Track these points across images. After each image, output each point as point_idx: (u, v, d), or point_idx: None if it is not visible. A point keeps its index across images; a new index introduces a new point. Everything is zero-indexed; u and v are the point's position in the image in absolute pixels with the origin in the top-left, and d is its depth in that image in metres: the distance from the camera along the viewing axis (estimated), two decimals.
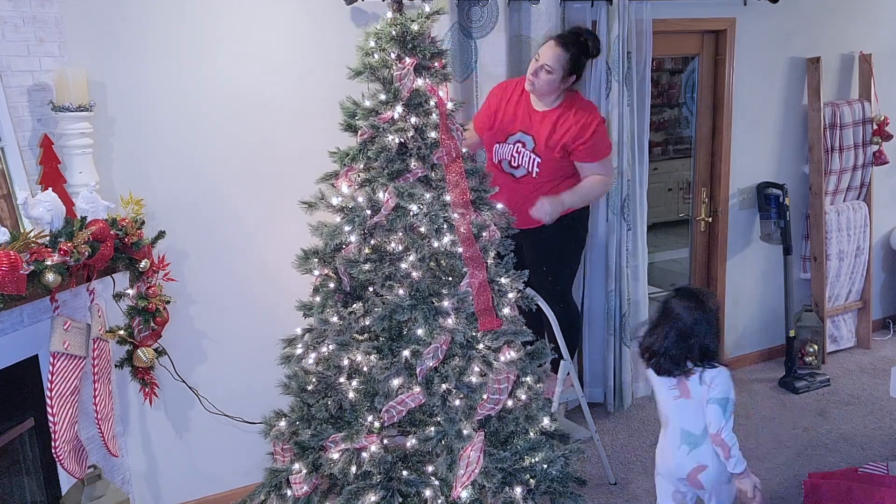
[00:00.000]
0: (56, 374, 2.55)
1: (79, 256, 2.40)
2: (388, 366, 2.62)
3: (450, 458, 2.59)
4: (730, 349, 4.70)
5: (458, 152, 2.78)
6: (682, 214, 4.81)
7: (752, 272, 4.71)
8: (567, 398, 3.52)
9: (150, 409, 3.18)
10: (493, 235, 2.83)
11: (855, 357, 4.86)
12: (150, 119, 3.05)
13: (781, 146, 4.63)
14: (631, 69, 3.84)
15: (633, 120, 3.91)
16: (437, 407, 2.65)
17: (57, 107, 2.63)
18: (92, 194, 2.60)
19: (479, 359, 2.64)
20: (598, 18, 3.79)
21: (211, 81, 3.12)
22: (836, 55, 4.71)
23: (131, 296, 2.85)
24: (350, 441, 2.63)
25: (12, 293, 2.21)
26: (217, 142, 3.17)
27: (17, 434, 2.62)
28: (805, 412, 4.15)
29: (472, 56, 3.49)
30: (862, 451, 3.72)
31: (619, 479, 3.52)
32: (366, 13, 3.33)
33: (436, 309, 2.66)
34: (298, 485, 2.75)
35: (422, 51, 2.75)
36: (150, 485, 3.31)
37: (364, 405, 2.67)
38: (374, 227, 2.70)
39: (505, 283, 2.85)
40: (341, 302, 2.80)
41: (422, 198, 2.68)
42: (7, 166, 2.50)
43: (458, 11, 3.38)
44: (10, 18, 2.58)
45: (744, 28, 4.31)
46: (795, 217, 4.66)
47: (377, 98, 2.74)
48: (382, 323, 2.65)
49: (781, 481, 3.47)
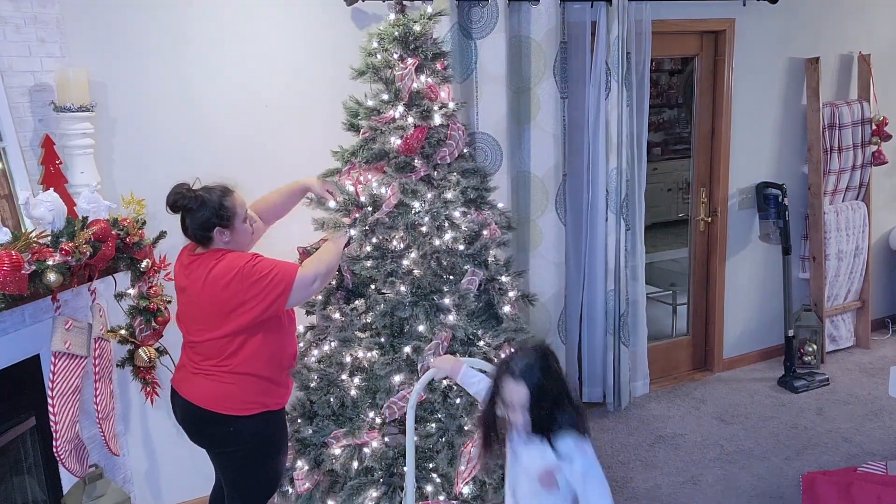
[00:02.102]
0: (57, 374, 2.56)
1: (80, 256, 2.40)
2: (389, 362, 2.64)
3: (451, 454, 2.60)
4: (729, 349, 4.71)
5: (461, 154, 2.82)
6: (682, 214, 4.82)
7: (751, 272, 4.72)
8: None
9: (152, 409, 3.18)
10: (494, 234, 2.85)
11: (854, 356, 4.87)
12: (152, 119, 3.05)
13: (780, 146, 4.64)
14: (630, 70, 3.85)
15: (632, 120, 3.92)
16: (438, 403, 2.66)
17: (58, 107, 2.64)
18: (93, 194, 2.61)
19: (479, 355, 2.66)
20: (597, 19, 3.80)
21: (212, 82, 3.13)
22: (835, 55, 4.72)
23: (133, 295, 2.86)
24: (352, 437, 2.64)
25: (14, 293, 2.22)
26: (218, 142, 3.18)
27: (19, 433, 2.62)
28: (804, 411, 4.15)
29: (472, 57, 3.50)
30: (861, 450, 3.72)
31: (619, 479, 3.53)
32: (366, 14, 3.34)
33: (437, 306, 2.67)
34: (300, 481, 2.76)
35: (424, 51, 2.77)
36: (151, 484, 3.32)
37: (366, 401, 2.68)
38: (376, 224, 2.71)
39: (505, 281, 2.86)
40: (343, 299, 2.81)
41: (424, 195, 2.70)
42: (9, 166, 2.51)
43: (459, 12, 3.39)
44: (11, 19, 2.59)
45: (743, 28, 4.32)
46: (794, 217, 4.66)
47: (379, 98, 2.76)
48: (384, 320, 2.67)
49: (780, 480, 3.48)
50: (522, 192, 3.76)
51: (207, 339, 2.45)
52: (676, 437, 3.90)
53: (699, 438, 3.89)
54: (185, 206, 2.41)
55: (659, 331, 4.89)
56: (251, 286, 2.37)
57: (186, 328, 2.54)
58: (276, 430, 2.58)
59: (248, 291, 2.37)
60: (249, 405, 2.47)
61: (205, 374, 2.48)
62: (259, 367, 2.47)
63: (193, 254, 2.50)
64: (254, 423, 2.49)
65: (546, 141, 3.67)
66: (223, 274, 2.39)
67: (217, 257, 2.43)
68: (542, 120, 3.65)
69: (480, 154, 3.54)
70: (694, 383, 4.57)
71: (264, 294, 2.39)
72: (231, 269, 2.38)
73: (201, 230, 2.43)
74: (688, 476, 3.54)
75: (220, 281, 2.38)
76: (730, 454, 3.73)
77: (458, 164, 2.85)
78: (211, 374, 2.47)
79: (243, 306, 2.38)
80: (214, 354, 2.46)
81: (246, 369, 2.45)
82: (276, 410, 2.57)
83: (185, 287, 2.50)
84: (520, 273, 3.05)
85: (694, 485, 3.47)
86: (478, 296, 2.79)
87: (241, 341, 2.44)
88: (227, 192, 2.47)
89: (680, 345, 4.74)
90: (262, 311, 2.40)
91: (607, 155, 3.89)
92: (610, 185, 3.92)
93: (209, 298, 2.41)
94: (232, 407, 2.46)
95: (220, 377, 2.46)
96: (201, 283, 2.42)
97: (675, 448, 3.80)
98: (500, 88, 3.50)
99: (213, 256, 2.44)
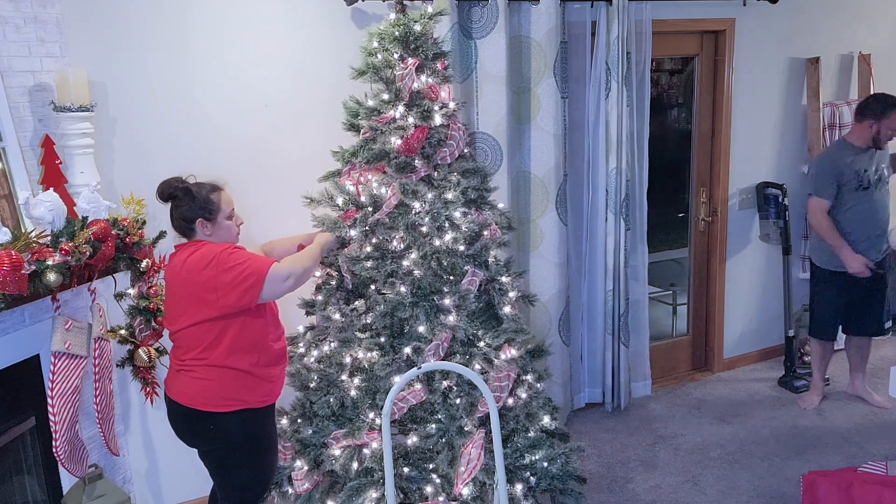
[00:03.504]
0: (57, 374, 2.56)
1: (80, 256, 2.40)
2: (389, 363, 2.64)
3: (451, 455, 2.60)
4: (729, 349, 4.71)
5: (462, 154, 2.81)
6: (682, 214, 4.82)
7: (751, 272, 4.72)
8: None
9: (152, 409, 3.18)
10: (495, 234, 2.85)
11: None
12: (152, 119, 3.05)
13: (780, 146, 4.64)
14: (630, 69, 3.85)
15: (632, 120, 3.92)
16: (438, 404, 2.66)
17: (58, 107, 2.63)
18: (93, 194, 2.61)
19: (480, 356, 2.65)
20: (597, 19, 3.80)
21: (212, 81, 3.13)
22: (836, 55, 4.72)
23: (132, 295, 2.86)
24: (352, 437, 2.64)
25: (14, 293, 2.22)
26: (218, 141, 3.18)
27: (19, 433, 2.62)
28: (804, 412, 4.16)
29: (473, 56, 3.49)
30: (861, 450, 3.72)
31: (619, 479, 3.53)
32: (366, 14, 3.34)
33: (437, 306, 2.67)
34: (300, 481, 2.76)
35: (424, 51, 2.77)
36: (151, 484, 3.32)
37: (366, 402, 2.68)
38: (376, 224, 2.71)
39: (506, 282, 2.86)
40: (343, 299, 2.81)
41: (424, 196, 2.70)
42: (9, 166, 2.51)
43: (459, 12, 3.39)
44: (11, 19, 2.59)
45: (743, 28, 4.32)
46: (794, 217, 4.66)
47: (380, 97, 2.76)
48: (384, 320, 2.67)
49: (780, 480, 3.48)
50: (523, 192, 3.76)
51: (184, 328, 2.50)
52: (677, 437, 3.91)
53: (699, 438, 3.89)
54: (173, 195, 2.52)
55: (659, 331, 4.89)
56: (224, 272, 2.43)
57: (167, 320, 2.61)
58: (258, 428, 2.60)
59: (220, 277, 2.43)
60: (228, 401, 2.51)
61: (186, 370, 2.52)
62: (236, 360, 2.50)
63: (176, 245, 2.59)
64: (232, 421, 2.52)
65: (546, 141, 3.67)
66: (199, 259, 2.46)
67: (197, 246, 2.51)
68: (542, 120, 3.65)
69: (481, 154, 3.54)
70: (694, 383, 4.57)
71: (236, 283, 2.43)
72: (207, 256, 2.46)
73: (185, 220, 2.52)
74: (688, 476, 3.54)
75: (196, 266, 2.46)
76: (730, 454, 3.73)
77: (458, 165, 2.85)
78: (191, 370, 2.51)
79: (215, 292, 2.43)
80: (193, 346, 2.50)
81: (224, 362, 2.49)
82: (257, 408, 2.58)
83: (168, 279, 2.58)
84: (520, 273, 3.04)
85: (694, 485, 3.47)
86: (478, 296, 2.79)
87: (218, 331, 2.48)
88: (216, 189, 2.57)
89: (680, 345, 4.74)
90: (235, 301, 2.44)
91: (607, 155, 3.90)
92: (609, 185, 3.92)
93: (184, 283, 2.48)
94: (209, 403, 2.50)
95: (198, 372, 2.50)
96: (178, 268, 2.50)
97: (675, 448, 3.80)
98: (501, 88, 3.50)
99: (193, 245, 2.52)
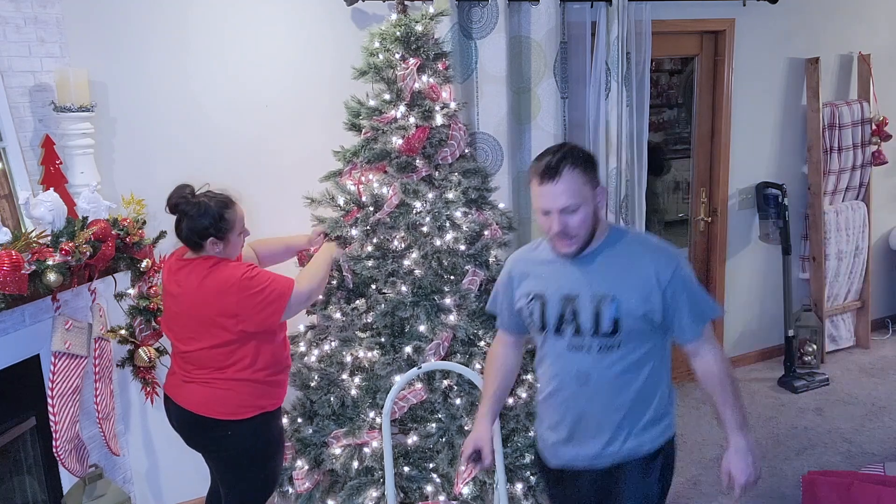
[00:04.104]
0: (57, 374, 2.56)
1: (80, 256, 2.40)
2: (390, 362, 2.64)
3: (451, 454, 2.60)
4: (729, 349, 4.71)
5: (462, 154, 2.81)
6: (682, 214, 4.82)
7: (751, 272, 4.72)
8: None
9: (152, 409, 3.18)
10: (495, 234, 2.85)
11: (854, 356, 4.87)
12: (152, 119, 3.05)
13: (780, 146, 4.64)
14: (630, 70, 3.85)
15: (632, 120, 3.91)
16: (438, 403, 2.66)
17: (58, 107, 2.63)
18: (93, 194, 2.61)
19: (480, 356, 2.66)
20: (597, 19, 3.80)
21: (212, 82, 3.13)
22: (835, 56, 4.72)
23: (133, 295, 2.86)
24: (352, 437, 2.64)
25: (14, 293, 2.22)
26: (218, 141, 3.18)
27: (19, 433, 2.62)
28: (804, 411, 4.16)
29: (473, 57, 3.49)
30: (861, 450, 3.72)
31: None
32: (367, 14, 3.34)
33: (438, 306, 2.67)
34: (300, 481, 2.76)
35: (425, 51, 2.77)
36: (152, 484, 3.32)
37: (366, 401, 2.68)
38: (377, 224, 2.71)
39: None
40: (344, 298, 2.81)
41: (425, 196, 2.70)
42: (9, 166, 2.51)
43: (459, 12, 3.39)
44: (11, 19, 2.59)
45: (743, 29, 4.32)
46: (794, 217, 4.66)
47: (381, 97, 2.76)
48: (385, 319, 2.67)
49: (780, 480, 3.48)
50: (523, 192, 3.76)
51: (197, 349, 2.42)
52: (676, 437, 3.90)
53: (699, 438, 3.89)
54: (185, 211, 2.39)
55: None
56: (246, 299, 2.34)
57: (175, 336, 2.51)
58: (273, 431, 2.57)
59: (242, 304, 2.34)
60: (246, 409, 2.46)
61: (199, 382, 2.46)
62: (254, 374, 2.45)
63: (183, 259, 2.48)
64: (251, 427, 2.48)
65: (547, 141, 3.67)
66: (219, 285, 2.36)
67: (210, 265, 2.39)
68: (542, 120, 3.65)
69: (481, 154, 3.54)
70: (694, 383, 4.56)
71: (259, 308, 2.36)
72: (227, 281, 2.35)
73: (195, 237, 2.39)
74: (688, 476, 3.54)
75: (216, 291, 2.35)
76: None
77: (459, 165, 2.85)
78: (207, 383, 2.45)
79: (235, 318, 2.35)
80: (207, 364, 2.44)
81: (241, 376, 2.43)
82: (272, 411, 2.55)
83: (176, 294, 2.46)
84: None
85: (694, 485, 3.47)
86: (479, 296, 2.79)
87: (232, 351, 2.41)
88: (229, 205, 2.44)
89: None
90: (258, 324, 2.39)
91: (607, 155, 3.89)
92: (609, 185, 3.92)
93: (200, 307, 2.38)
94: (228, 412, 2.44)
95: (214, 384, 2.44)
96: (193, 290, 2.39)
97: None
98: (501, 88, 3.50)
99: (206, 263, 2.40)
